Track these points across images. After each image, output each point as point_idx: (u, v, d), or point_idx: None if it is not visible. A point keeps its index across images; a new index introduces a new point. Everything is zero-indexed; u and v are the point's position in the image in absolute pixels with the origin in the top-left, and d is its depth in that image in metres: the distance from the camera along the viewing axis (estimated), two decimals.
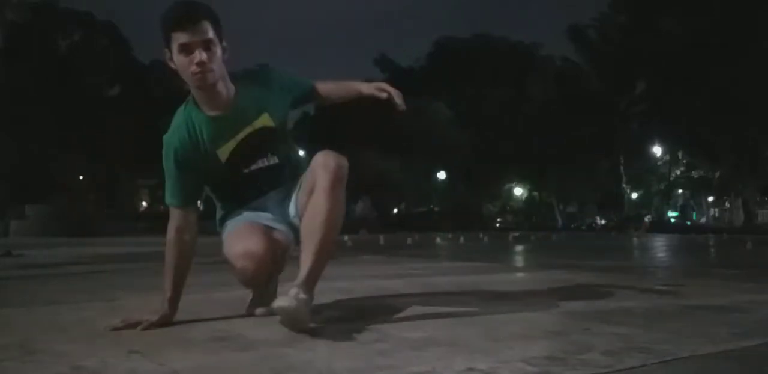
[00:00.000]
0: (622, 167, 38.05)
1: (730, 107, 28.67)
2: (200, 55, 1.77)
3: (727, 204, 38.11)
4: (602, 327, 1.78)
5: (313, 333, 1.68)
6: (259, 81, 1.98)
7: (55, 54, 33.59)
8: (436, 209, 39.47)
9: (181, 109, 1.96)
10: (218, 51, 1.82)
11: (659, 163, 39.95)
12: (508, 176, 40.23)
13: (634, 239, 15.73)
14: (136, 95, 35.78)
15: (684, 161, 38.40)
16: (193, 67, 1.78)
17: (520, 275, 4.24)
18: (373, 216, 28.74)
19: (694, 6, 30.35)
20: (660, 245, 11.16)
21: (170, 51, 1.81)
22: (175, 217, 1.97)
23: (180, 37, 1.77)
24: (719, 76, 28.49)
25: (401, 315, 2.01)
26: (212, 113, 1.91)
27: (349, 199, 2.22)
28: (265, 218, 2.00)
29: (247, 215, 2.02)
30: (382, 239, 12.07)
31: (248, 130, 1.93)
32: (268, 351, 1.47)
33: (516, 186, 42.17)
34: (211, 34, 1.79)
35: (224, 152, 1.93)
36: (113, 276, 3.94)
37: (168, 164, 1.94)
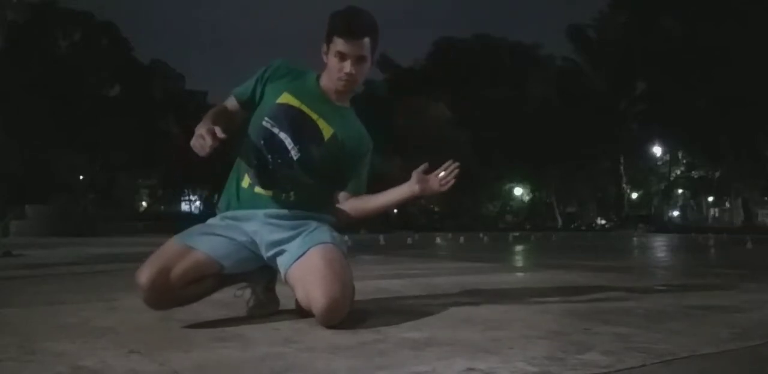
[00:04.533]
0: (622, 167, 38.06)
1: (731, 107, 28.67)
2: (351, 67, 1.93)
3: (727, 204, 38.12)
4: (602, 327, 1.78)
5: (313, 333, 1.68)
6: (364, 132, 2.08)
7: (55, 54, 33.60)
8: (436, 209, 39.46)
9: (311, 71, 2.07)
10: (367, 65, 1.98)
11: (659, 163, 39.97)
12: (508, 176, 40.21)
13: (634, 239, 15.73)
14: (136, 95, 35.80)
15: (684, 161, 38.42)
16: (341, 75, 1.94)
17: (520, 275, 4.24)
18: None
19: (694, 5, 30.35)
20: (660, 245, 11.16)
21: (327, 47, 1.95)
22: (228, 100, 2.08)
23: (340, 45, 1.91)
24: (720, 76, 28.49)
25: (401, 315, 2.01)
26: (321, 86, 2.03)
27: None
28: (232, 235, 1.93)
29: (214, 227, 1.97)
30: (382, 239, 12.07)
31: (313, 116, 1.99)
32: (268, 351, 1.47)
33: (516, 186, 42.16)
34: (367, 51, 1.94)
35: (283, 98, 1.99)
36: (113, 276, 3.94)
37: (258, 71, 2.06)
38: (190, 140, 1.80)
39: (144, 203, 44.28)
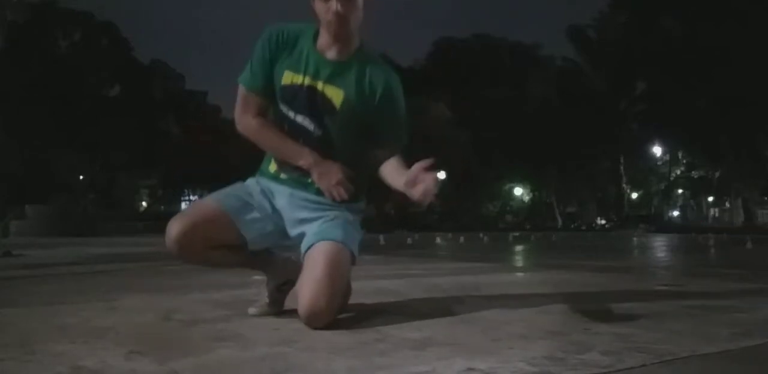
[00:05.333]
0: (622, 167, 38.06)
1: (731, 107, 28.67)
2: (336, 4, 1.78)
3: (727, 204, 38.11)
4: (602, 327, 1.78)
5: (313, 333, 1.68)
6: (379, 73, 1.90)
7: (55, 54, 33.62)
8: (436, 209, 39.44)
9: (308, 28, 1.93)
10: (357, 3, 1.82)
11: (659, 163, 39.96)
12: (508, 176, 40.23)
13: (634, 239, 15.73)
14: (136, 95, 35.84)
15: (684, 161, 38.41)
16: (329, 16, 1.80)
17: (520, 275, 4.24)
18: (372, 215, 28.73)
19: (694, 5, 30.35)
20: (660, 245, 11.16)
21: None
22: (241, 100, 1.95)
23: None
24: (720, 76, 28.49)
25: (401, 315, 2.01)
26: (319, 47, 1.89)
27: None
28: (262, 204, 1.93)
29: (250, 194, 1.96)
30: (382, 239, 12.06)
31: (318, 86, 1.88)
32: (268, 351, 1.47)
33: (516, 186, 42.17)
34: None
35: (286, 78, 1.90)
36: (113, 276, 3.94)
37: (258, 43, 1.93)
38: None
39: (144, 203, 44.30)
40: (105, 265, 4.94)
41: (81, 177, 34.52)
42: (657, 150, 38.40)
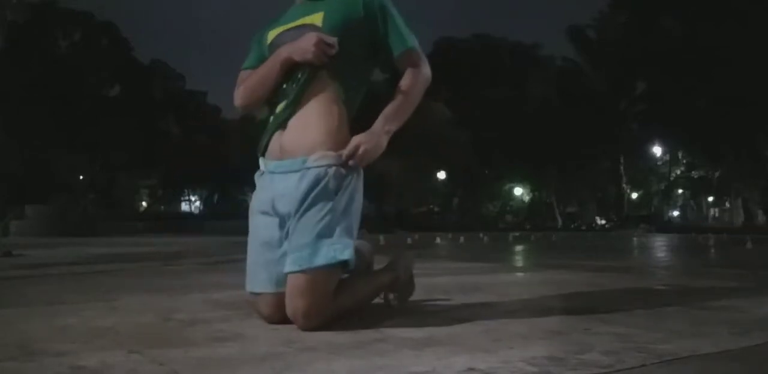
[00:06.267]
0: (622, 167, 38.06)
1: (731, 107, 28.66)
2: None
3: (727, 204, 38.11)
4: (602, 327, 1.78)
5: (313, 333, 1.68)
6: None
7: (55, 54, 33.62)
8: (436, 209, 39.45)
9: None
10: None
11: (659, 163, 39.97)
12: (508, 176, 40.23)
13: (634, 239, 15.73)
14: (136, 95, 35.85)
15: (684, 161, 38.42)
16: None
17: (520, 275, 4.23)
18: (372, 215, 28.74)
19: (694, 5, 30.35)
20: (660, 245, 11.16)
21: None
22: (240, 80, 1.99)
23: None
24: (720, 76, 28.48)
25: (401, 315, 2.01)
26: (297, 2, 1.96)
27: None
28: (266, 255, 1.83)
29: (255, 250, 1.88)
30: (382, 239, 12.05)
31: (298, 22, 1.87)
32: (268, 351, 1.47)
33: (516, 186, 42.17)
34: None
35: (270, 36, 1.92)
36: (113, 276, 3.94)
37: (254, 39, 2.01)
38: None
39: (144, 203, 44.31)
40: (105, 265, 4.94)
41: (81, 177, 34.53)
42: (657, 150, 38.40)
